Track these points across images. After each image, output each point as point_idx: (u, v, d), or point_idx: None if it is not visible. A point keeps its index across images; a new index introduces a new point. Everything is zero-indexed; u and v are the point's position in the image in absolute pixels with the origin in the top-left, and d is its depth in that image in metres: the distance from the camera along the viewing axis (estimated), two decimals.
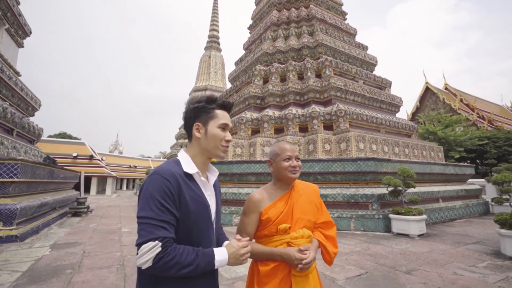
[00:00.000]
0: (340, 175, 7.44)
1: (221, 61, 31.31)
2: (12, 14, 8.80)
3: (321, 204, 1.47)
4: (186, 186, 0.96)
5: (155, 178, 0.91)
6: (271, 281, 1.21)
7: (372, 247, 5.09)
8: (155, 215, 0.86)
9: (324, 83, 10.21)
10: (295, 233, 1.28)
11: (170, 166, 0.97)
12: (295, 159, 1.36)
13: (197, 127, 1.06)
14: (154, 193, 0.89)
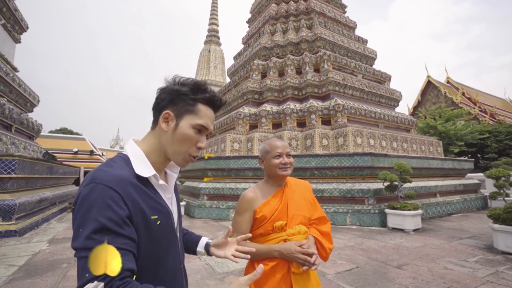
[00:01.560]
0: (337, 170, 7.45)
1: (221, 55, 31.11)
2: (8, 9, 8.76)
3: (314, 200, 1.47)
4: (142, 193, 0.73)
5: (95, 189, 0.65)
6: (269, 281, 1.18)
7: (366, 242, 5.13)
8: (93, 243, 0.61)
9: (322, 77, 10.14)
10: (291, 230, 1.26)
11: (115, 168, 0.72)
12: (286, 156, 1.35)
13: (166, 115, 0.80)
14: (92, 212, 0.63)
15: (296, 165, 7.86)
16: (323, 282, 3.13)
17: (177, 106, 0.80)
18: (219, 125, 12.76)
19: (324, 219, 1.45)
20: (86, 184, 0.67)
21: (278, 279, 1.18)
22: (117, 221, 0.64)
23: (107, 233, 0.62)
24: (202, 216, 7.99)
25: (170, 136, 0.79)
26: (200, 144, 0.82)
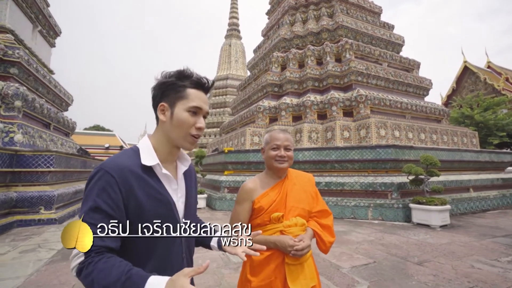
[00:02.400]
0: (358, 163, 7.23)
1: (242, 49, 31.07)
2: (43, 16, 9.46)
3: (317, 193, 1.46)
4: (141, 181, 0.80)
5: (99, 173, 0.76)
6: (264, 270, 1.21)
7: (387, 236, 4.97)
8: (88, 218, 0.72)
9: (344, 67, 9.78)
10: (288, 221, 1.27)
11: (122, 157, 0.81)
12: (284, 149, 1.34)
13: (162, 107, 0.87)
14: (93, 192, 0.74)
15: (316, 158, 7.75)
16: (338, 276, 3.12)
17: (169, 97, 0.86)
18: (239, 118, 12.89)
19: (326, 212, 1.43)
20: (96, 168, 0.79)
21: (272, 268, 1.21)
22: (110, 204, 0.74)
23: (99, 212, 0.73)
24: (223, 208, 8.20)
25: (169, 124, 0.86)
26: (198, 125, 0.87)
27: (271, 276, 1.21)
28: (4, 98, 6.45)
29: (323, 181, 7.36)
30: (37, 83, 8.18)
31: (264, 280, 1.20)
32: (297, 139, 9.30)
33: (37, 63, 8.10)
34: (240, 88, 15.82)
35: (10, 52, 6.90)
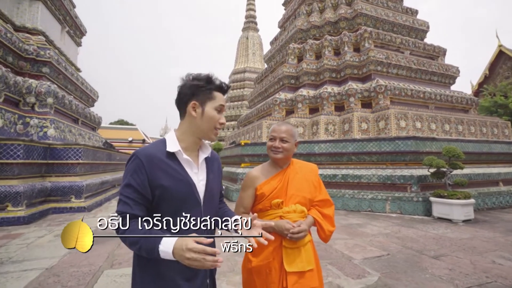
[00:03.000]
0: (376, 155, 7.06)
1: (259, 41, 30.83)
2: (70, 17, 9.99)
3: (319, 183, 1.52)
4: (164, 164, 0.97)
5: (132, 158, 0.98)
6: (263, 252, 1.29)
7: (404, 230, 4.87)
8: (124, 191, 0.93)
9: (362, 57, 9.46)
10: (287, 208, 1.34)
11: (152, 146, 1.01)
12: (280, 140, 1.41)
13: (193, 105, 1.03)
14: (127, 173, 0.96)
15: (332, 150, 7.67)
16: (349, 266, 3.15)
17: (199, 97, 1.04)
18: (256, 111, 12.95)
19: (327, 202, 1.48)
20: (131, 154, 1.01)
21: (271, 250, 1.29)
22: (138, 180, 0.94)
23: (131, 188, 0.94)
24: None
25: (199, 119, 1.04)
26: (221, 120, 1.06)
27: (269, 257, 1.29)
28: (38, 95, 6.98)
29: (340, 174, 7.29)
30: (66, 81, 8.73)
31: (263, 260, 1.29)
32: (313, 131, 9.22)
33: (65, 62, 8.63)
34: (257, 81, 15.82)
35: (42, 52, 7.40)
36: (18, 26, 7.44)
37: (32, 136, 6.48)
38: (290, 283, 1.23)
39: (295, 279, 1.24)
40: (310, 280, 1.25)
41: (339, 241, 4.18)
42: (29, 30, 7.62)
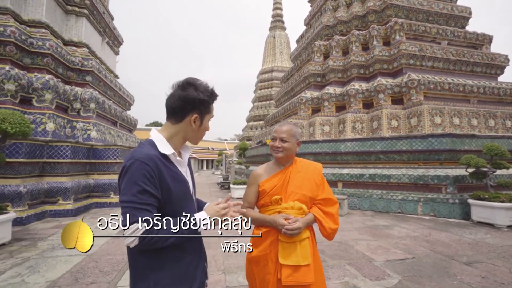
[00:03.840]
0: (407, 154, 6.68)
1: (286, 40, 30.62)
2: (109, 29, 10.92)
3: (322, 182, 1.55)
4: (165, 167, 0.98)
5: (135, 164, 0.92)
6: (262, 243, 1.39)
7: (435, 233, 4.58)
8: (137, 199, 0.89)
9: (393, 50, 8.98)
10: (285, 204, 1.41)
11: (146, 149, 0.98)
12: (280, 140, 1.47)
13: (195, 119, 1.05)
14: (136, 179, 0.90)
15: (359, 149, 7.42)
16: (368, 268, 3.08)
17: (201, 111, 1.06)
18: (282, 111, 12.95)
19: (330, 201, 1.50)
20: (128, 160, 0.94)
21: (268, 243, 1.38)
22: (150, 185, 0.92)
23: (146, 193, 0.91)
24: None
25: (196, 131, 1.08)
26: (209, 129, 1.14)
27: (267, 249, 1.37)
28: (82, 102, 7.78)
29: (367, 173, 7.03)
30: (106, 87, 9.58)
31: (261, 252, 1.38)
32: (340, 129, 8.99)
33: (105, 70, 9.47)
34: (283, 80, 15.79)
35: (86, 63, 8.23)
36: (66, 40, 8.34)
37: (78, 138, 7.25)
38: (284, 275, 1.29)
39: (289, 272, 1.29)
40: (305, 275, 1.30)
41: (362, 242, 4.08)
42: (75, 43, 8.51)
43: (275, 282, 1.32)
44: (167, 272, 0.97)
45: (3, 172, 5.18)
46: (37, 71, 6.76)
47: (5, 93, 5.97)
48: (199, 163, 37.15)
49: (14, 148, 5.21)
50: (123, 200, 0.90)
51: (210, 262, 3.23)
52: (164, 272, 0.97)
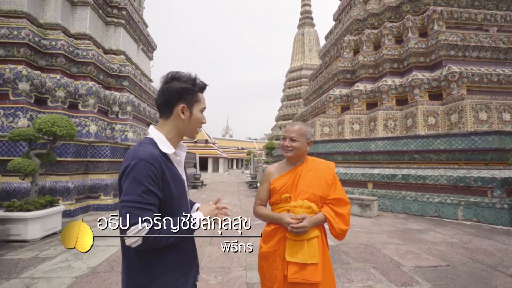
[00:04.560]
0: (445, 153, 6.17)
1: (315, 36, 29.93)
2: (144, 36, 11.66)
3: (334, 181, 1.52)
4: (166, 167, 0.98)
5: (141, 164, 0.91)
6: (271, 240, 1.43)
7: (476, 240, 4.18)
8: (142, 199, 0.88)
9: (430, 42, 8.33)
10: (294, 203, 1.43)
11: (150, 148, 0.96)
12: (289, 140, 1.49)
13: (182, 109, 1.03)
14: (141, 179, 0.89)
15: (391, 148, 7.03)
16: (395, 273, 2.93)
17: (187, 99, 1.04)
18: (310, 109, 12.73)
19: (342, 201, 1.48)
20: (132, 159, 0.92)
21: (277, 240, 1.40)
22: (154, 185, 0.91)
23: (150, 194, 0.90)
24: None
25: (187, 122, 1.05)
26: (204, 120, 1.11)
27: (275, 246, 1.40)
28: (120, 105, 8.43)
29: (400, 174, 6.63)
30: (141, 91, 10.25)
31: (270, 248, 1.41)
32: (371, 128, 8.58)
33: (140, 75, 10.14)
34: (311, 78, 15.50)
35: (123, 69, 8.89)
36: (106, 49, 9.10)
37: (116, 139, 7.87)
38: (290, 272, 1.30)
39: (295, 269, 1.30)
40: (311, 273, 1.30)
41: (390, 245, 3.88)
42: (114, 51, 9.24)
43: (282, 278, 1.34)
44: (163, 270, 0.97)
45: (55, 170, 5.85)
46: (82, 78, 7.47)
47: (57, 99, 6.71)
48: (229, 163, 37.99)
49: (63, 149, 5.84)
50: (126, 200, 0.88)
51: (233, 258, 3.33)
52: (160, 270, 0.97)
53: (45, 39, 6.76)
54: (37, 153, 4.42)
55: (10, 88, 5.97)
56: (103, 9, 8.97)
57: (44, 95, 6.57)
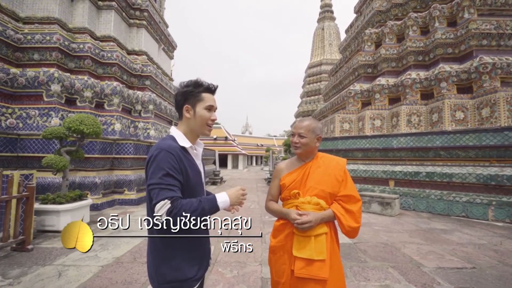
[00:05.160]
0: (475, 150, 5.80)
1: (336, 30, 29.12)
2: (165, 36, 12.01)
3: (344, 178, 1.50)
4: (184, 157, 1.12)
5: (162, 153, 1.05)
6: (279, 235, 1.46)
7: (508, 243, 3.92)
8: (163, 181, 1.01)
9: (459, 31, 7.81)
10: (302, 199, 1.44)
11: (170, 142, 1.12)
12: (298, 136, 1.49)
13: (187, 109, 1.18)
14: (162, 165, 1.03)
15: (415, 144, 6.73)
16: (414, 273, 2.83)
17: (190, 100, 1.19)
18: (330, 105, 12.47)
19: (353, 198, 1.45)
20: (155, 149, 1.08)
21: (285, 235, 1.42)
22: (174, 170, 1.05)
23: (170, 176, 1.04)
24: None
25: (193, 119, 1.19)
26: (212, 117, 1.21)
27: (283, 241, 1.42)
28: (142, 104, 8.78)
29: (424, 171, 6.33)
30: (162, 90, 10.59)
31: (279, 242, 1.43)
32: (393, 124, 8.26)
33: (161, 75, 10.47)
34: (331, 73, 15.15)
35: (145, 69, 9.24)
36: (129, 50, 9.49)
37: (139, 137, 8.22)
38: (297, 267, 1.31)
39: (302, 265, 1.31)
40: (318, 269, 1.30)
41: (411, 245, 3.74)
42: (136, 52, 9.62)
43: (289, 273, 1.36)
44: (182, 252, 1.09)
45: (83, 166, 6.24)
46: (107, 79, 7.86)
47: (84, 99, 7.13)
48: (249, 159, 38.24)
49: (90, 146, 6.21)
50: (150, 183, 1.03)
51: (249, 254, 3.38)
52: (179, 253, 1.09)
53: (74, 43, 7.18)
54: (67, 150, 4.74)
55: (43, 90, 6.43)
56: (126, 12, 9.34)
57: (73, 95, 7.01)
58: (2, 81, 6.03)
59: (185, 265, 1.09)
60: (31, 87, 6.39)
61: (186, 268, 1.09)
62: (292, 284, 1.35)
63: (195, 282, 1.12)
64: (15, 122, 6.11)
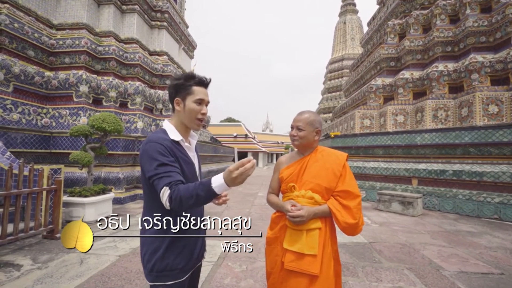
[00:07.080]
0: (510, 147, 5.33)
1: (358, 24, 28.04)
2: (185, 37, 12.31)
3: (343, 173, 1.45)
4: (176, 149, 1.12)
5: (151, 145, 1.06)
6: (275, 227, 1.47)
7: None
8: (159, 171, 1.02)
9: (495, 17, 7.19)
10: (297, 192, 1.42)
11: (160, 134, 1.12)
12: (296, 129, 1.47)
13: (177, 102, 1.17)
14: (153, 156, 1.04)
15: (440, 141, 6.33)
16: (433, 276, 2.67)
17: (181, 93, 1.17)
18: (351, 101, 12.10)
19: (351, 194, 1.39)
20: (146, 143, 1.09)
21: (279, 227, 1.43)
22: (168, 159, 1.05)
23: (164, 165, 1.03)
24: None
25: (183, 112, 1.18)
26: (202, 111, 1.18)
27: (277, 232, 1.43)
28: (163, 102, 9.09)
29: (450, 170, 5.94)
30: None
31: (273, 234, 1.45)
32: (417, 119, 7.82)
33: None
34: (352, 68, 14.66)
35: (165, 69, 9.55)
36: (151, 51, 9.86)
37: None
38: (287, 260, 1.31)
39: (292, 257, 1.30)
40: (309, 264, 1.27)
41: (432, 247, 3.54)
42: (157, 52, 9.97)
43: (280, 265, 1.37)
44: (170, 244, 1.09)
45: (108, 162, 6.60)
46: (130, 79, 8.24)
47: (109, 99, 7.53)
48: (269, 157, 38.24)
49: (114, 143, 6.56)
50: (149, 176, 1.03)
51: (260, 249, 3.38)
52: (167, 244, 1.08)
53: (100, 46, 7.60)
54: (91, 146, 5.05)
55: (73, 91, 6.89)
56: (148, 14, 9.69)
57: (99, 95, 7.43)
58: (38, 84, 6.54)
59: (172, 256, 1.10)
60: (63, 89, 6.87)
61: (173, 259, 1.10)
62: (282, 276, 1.35)
63: (183, 273, 1.12)
64: (49, 121, 6.61)
